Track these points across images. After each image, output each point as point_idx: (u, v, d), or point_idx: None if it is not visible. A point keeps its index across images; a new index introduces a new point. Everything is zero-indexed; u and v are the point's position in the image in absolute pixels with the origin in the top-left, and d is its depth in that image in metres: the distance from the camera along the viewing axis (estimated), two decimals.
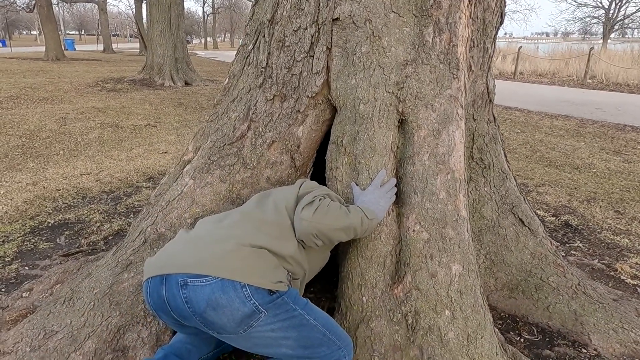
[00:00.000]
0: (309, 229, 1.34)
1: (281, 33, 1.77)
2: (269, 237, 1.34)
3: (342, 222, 1.38)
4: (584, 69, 14.28)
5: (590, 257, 2.73)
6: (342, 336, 1.38)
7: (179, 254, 1.30)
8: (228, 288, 1.20)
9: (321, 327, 1.33)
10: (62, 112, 7.07)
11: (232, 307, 1.20)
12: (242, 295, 1.20)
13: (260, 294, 1.23)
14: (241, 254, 1.26)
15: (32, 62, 17.15)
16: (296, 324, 1.29)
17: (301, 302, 1.34)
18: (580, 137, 6.36)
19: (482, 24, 1.91)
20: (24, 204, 3.36)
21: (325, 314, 1.40)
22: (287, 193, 1.50)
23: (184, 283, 1.22)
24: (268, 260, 1.30)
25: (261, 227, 1.36)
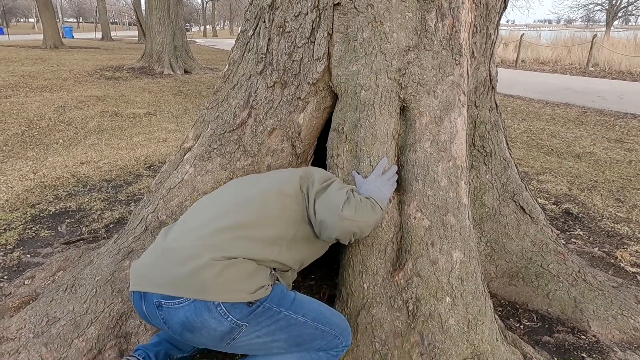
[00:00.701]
0: (352, 227, 1.32)
1: (281, 18, 1.75)
2: (250, 243, 1.24)
3: (376, 217, 1.40)
4: (586, 57, 14.16)
5: (591, 245, 2.74)
6: (336, 324, 1.36)
7: (154, 269, 1.22)
8: (201, 310, 1.14)
9: (311, 322, 1.29)
10: (61, 101, 7.04)
11: (209, 329, 1.15)
12: (217, 314, 1.14)
13: (238, 309, 1.17)
14: (214, 271, 1.16)
15: (30, 50, 17.01)
16: (283, 326, 1.25)
17: (287, 302, 1.28)
18: (582, 126, 6.33)
19: (485, 9, 1.88)
20: (24, 192, 3.36)
21: (316, 304, 1.37)
22: (283, 183, 1.40)
23: (159, 304, 1.17)
24: (245, 270, 1.20)
25: (242, 234, 1.25)
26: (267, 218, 1.30)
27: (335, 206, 1.32)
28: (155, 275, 1.20)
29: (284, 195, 1.35)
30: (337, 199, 1.34)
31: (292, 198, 1.36)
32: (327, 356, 1.36)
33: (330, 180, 1.44)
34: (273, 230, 1.29)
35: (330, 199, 1.35)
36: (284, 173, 1.48)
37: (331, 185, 1.41)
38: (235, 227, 1.25)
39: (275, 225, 1.30)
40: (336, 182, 1.45)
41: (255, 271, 1.23)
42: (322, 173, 1.49)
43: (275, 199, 1.34)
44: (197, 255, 1.18)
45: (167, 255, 1.22)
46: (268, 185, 1.39)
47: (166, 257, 1.22)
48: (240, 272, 1.19)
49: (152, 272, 1.21)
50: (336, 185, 1.41)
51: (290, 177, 1.42)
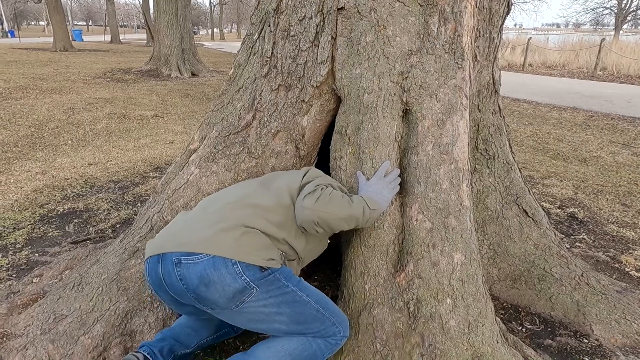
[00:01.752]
0: (311, 216, 1.37)
1: (286, 22, 1.77)
2: (265, 221, 1.37)
3: (344, 211, 1.40)
4: (594, 61, 14.07)
5: (595, 249, 2.73)
6: (336, 313, 1.42)
7: (176, 234, 1.34)
8: (219, 265, 1.24)
9: (314, 304, 1.37)
10: (70, 103, 7.13)
11: (224, 283, 1.24)
12: (233, 271, 1.24)
13: (252, 271, 1.27)
14: (234, 234, 1.29)
15: (40, 52, 17.24)
16: (289, 300, 1.32)
17: (294, 280, 1.37)
18: (589, 130, 6.30)
19: (488, 13, 1.90)
20: (33, 193, 3.41)
21: (318, 291, 1.43)
22: (291, 179, 1.53)
23: (178, 261, 1.26)
24: (261, 240, 1.33)
25: (259, 212, 1.38)
26: (281, 207, 1.42)
27: (300, 195, 1.43)
28: (177, 238, 1.32)
29: (292, 193, 1.48)
30: (305, 190, 1.44)
31: (295, 194, 1.48)
32: (325, 344, 1.40)
33: (317, 178, 1.52)
34: (283, 217, 1.40)
35: (303, 190, 1.46)
36: (293, 173, 1.60)
37: (313, 181, 1.49)
38: (254, 205, 1.40)
39: (285, 215, 1.41)
40: (319, 179, 1.52)
41: (270, 247, 1.35)
42: (317, 173, 1.57)
43: (286, 196, 1.46)
44: (219, 221, 1.33)
45: (191, 223, 1.37)
46: (281, 181, 1.53)
47: (190, 224, 1.36)
48: (257, 241, 1.32)
49: (173, 238, 1.33)
50: (316, 180, 1.50)
51: (297, 176, 1.55)
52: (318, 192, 1.40)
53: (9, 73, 10.31)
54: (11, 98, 7.38)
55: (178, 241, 1.30)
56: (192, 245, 1.27)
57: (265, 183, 1.54)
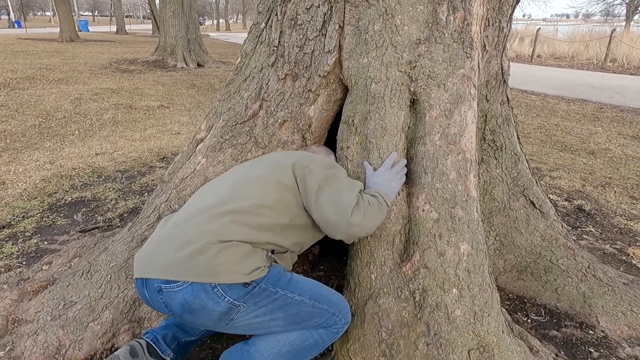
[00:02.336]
0: (360, 232, 1.36)
1: (293, 11, 1.76)
2: (244, 228, 1.27)
3: (382, 218, 1.43)
4: (604, 52, 13.87)
5: (602, 242, 2.71)
6: (334, 302, 1.40)
7: (153, 256, 1.26)
8: (198, 292, 1.18)
9: (308, 300, 1.33)
10: (77, 93, 7.16)
11: (206, 309, 1.19)
12: (214, 295, 1.18)
13: (234, 289, 1.20)
14: (209, 254, 1.20)
15: (46, 43, 17.28)
16: (280, 305, 1.28)
17: (283, 281, 1.31)
18: (598, 122, 6.23)
19: (498, 2, 1.87)
20: (42, 182, 3.44)
21: (313, 284, 1.40)
22: (278, 170, 1.41)
23: (159, 289, 1.22)
24: (240, 252, 1.24)
25: (236, 219, 1.28)
26: (262, 207, 1.32)
27: (343, 209, 1.34)
28: (154, 261, 1.24)
29: (280, 185, 1.38)
30: (346, 200, 1.35)
31: (288, 188, 1.38)
32: (326, 333, 1.40)
33: (332, 172, 1.43)
34: (267, 218, 1.32)
35: (339, 199, 1.35)
36: (279, 159, 1.48)
37: (337, 179, 1.41)
38: (231, 212, 1.29)
39: (268, 215, 1.32)
40: (342, 175, 1.44)
41: (251, 253, 1.26)
42: (320, 161, 1.47)
43: (271, 190, 1.36)
44: (193, 240, 1.22)
45: (166, 242, 1.27)
46: (265, 175, 1.41)
47: (165, 243, 1.26)
48: (235, 254, 1.22)
49: (151, 259, 1.25)
50: (344, 181, 1.41)
51: (285, 166, 1.43)
52: (362, 204, 1.36)
53: (16, 63, 10.36)
54: (19, 88, 7.42)
55: (156, 266, 1.23)
56: (169, 272, 1.20)
57: (244, 176, 1.42)
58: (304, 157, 1.48)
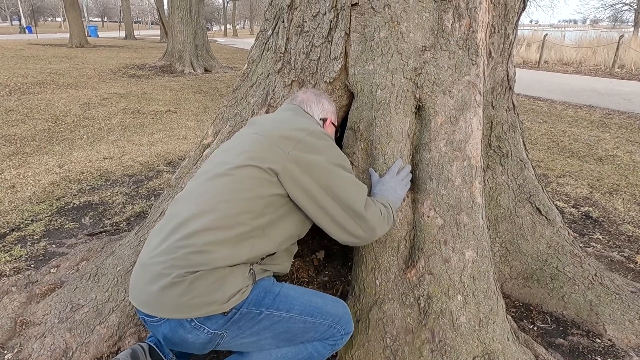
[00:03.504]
0: (372, 239, 1.35)
1: (300, 18, 1.78)
2: (216, 249, 1.14)
3: (388, 229, 1.41)
4: (612, 58, 13.79)
5: (610, 249, 2.69)
6: (330, 313, 1.32)
7: (135, 285, 1.20)
8: (175, 327, 1.15)
9: (298, 316, 1.26)
10: (86, 98, 7.24)
11: (187, 342, 1.17)
12: (191, 329, 1.14)
13: (213, 320, 1.15)
14: (180, 289, 1.11)
15: (56, 48, 17.52)
16: (266, 325, 1.22)
17: (268, 299, 1.23)
18: (605, 128, 6.19)
19: (503, 9, 1.88)
20: (50, 186, 3.48)
21: (305, 297, 1.31)
22: (255, 172, 1.22)
23: (144, 320, 1.21)
24: (214, 280, 1.13)
25: (206, 240, 1.14)
26: (234, 216, 1.18)
27: (370, 213, 1.30)
28: (135, 292, 1.19)
29: (254, 181, 1.21)
30: (373, 214, 1.31)
31: (264, 182, 1.21)
32: (322, 345, 1.33)
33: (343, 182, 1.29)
34: (242, 226, 1.18)
35: (368, 211, 1.29)
36: (259, 152, 1.25)
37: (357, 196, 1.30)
38: (198, 233, 1.15)
39: (244, 220, 1.18)
40: (361, 194, 1.33)
41: (228, 276, 1.15)
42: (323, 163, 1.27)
43: (244, 191, 1.20)
44: (164, 273, 1.13)
45: (142, 273, 1.19)
46: (238, 172, 1.23)
47: (141, 274, 1.19)
48: (209, 284, 1.12)
49: (134, 289, 1.20)
50: (362, 196, 1.32)
51: (264, 168, 1.22)
52: (386, 215, 1.36)
53: (26, 68, 10.51)
54: (29, 93, 7.53)
55: (137, 299, 1.17)
56: (147, 306, 1.14)
57: (210, 184, 1.24)
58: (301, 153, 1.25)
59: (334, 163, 1.28)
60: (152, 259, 1.17)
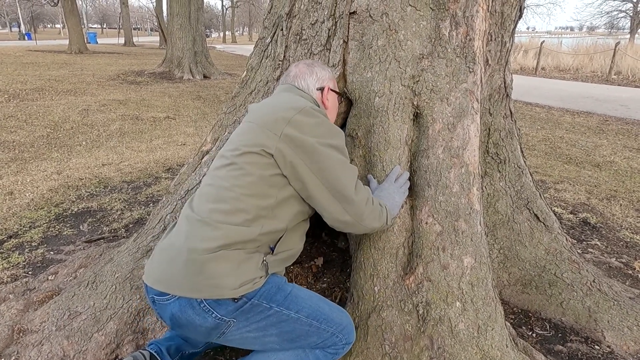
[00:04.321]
0: (361, 227, 1.36)
1: (299, 26, 1.80)
2: (228, 227, 1.18)
3: (380, 224, 1.41)
4: (609, 65, 13.89)
5: (608, 255, 2.70)
6: (335, 321, 1.33)
7: (152, 265, 1.25)
8: (185, 307, 1.16)
9: (305, 319, 1.27)
10: (85, 104, 7.25)
11: (194, 325, 1.17)
12: (200, 311, 1.15)
13: (223, 305, 1.16)
14: (195, 269, 1.15)
15: (56, 54, 17.56)
16: (274, 321, 1.23)
17: (280, 297, 1.25)
18: (603, 134, 6.22)
19: (500, 17, 1.90)
20: (49, 192, 3.48)
21: (314, 301, 1.33)
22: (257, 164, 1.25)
23: (153, 300, 1.22)
24: (229, 263, 1.16)
25: (219, 219, 1.19)
26: (239, 200, 1.21)
27: (360, 213, 1.32)
28: (150, 272, 1.23)
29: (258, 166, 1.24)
30: (365, 211, 1.33)
31: (265, 163, 1.24)
32: (324, 354, 1.34)
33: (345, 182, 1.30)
34: (250, 209, 1.21)
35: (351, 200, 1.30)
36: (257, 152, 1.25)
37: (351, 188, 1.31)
38: (212, 213, 1.21)
39: (250, 204, 1.21)
40: (364, 191, 1.36)
41: (243, 262, 1.18)
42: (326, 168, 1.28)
43: (249, 177, 1.23)
44: (179, 254, 1.18)
45: (160, 255, 1.24)
46: (242, 166, 1.26)
47: (159, 256, 1.24)
48: (223, 266, 1.16)
49: (149, 269, 1.25)
50: (363, 191, 1.35)
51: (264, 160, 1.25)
52: (378, 210, 1.37)
53: (25, 75, 10.53)
54: (28, 99, 7.54)
55: (152, 276, 1.21)
56: (161, 283, 1.18)
57: (216, 174, 1.30)
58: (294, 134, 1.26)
59: (324, 144, 1.27)
60: (172, 240, 1.23)
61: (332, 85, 1.54)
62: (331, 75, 1.55)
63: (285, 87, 1.49)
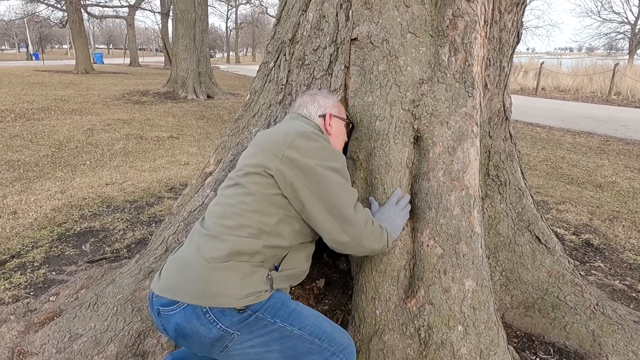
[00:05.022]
0: (360, 249, 1.36)
1: (301, 52, 1.84)
2: (234, 238, 1.24)
3: (380, 246, 1.41)
4: (608, 85, 14.02)
5: (612, 278, 2.68)
6: (336, 341, 1.33)
7: (162, 275, 1.29)
8: (190, 317, 1.18)
9: (308, 336, 1.28)
10: (90, 124, 7.34)
11: (198, 335, 1.19)
12: (205, 321, 1.18)
13: (228, 316, 1.19)
14: (203, 277, 1.20)
15: (62, 74, 17.85)
16: (277, 337, 1.24)
17: (284, 312, 1.27)
18: (604, 155, 6.24)
19: (498, 43, 1.94)
20: (52, 212, 3.50)
21: (317, 319, 1.35)
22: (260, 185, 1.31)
23: (158, 312, 1.24)
24: (234, 274, 1.21)
25: (225, 232, 1.26)
26: (243, 216, 1.27)
27: (365, 233, 1.34)
28: (161, 280, 1.28)
29: (260, 186, 1.30)
30: (371, 235, 1.36)
31: (267, 183, 1.30)
32: None
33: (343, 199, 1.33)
34: (254, 225, 1.27)
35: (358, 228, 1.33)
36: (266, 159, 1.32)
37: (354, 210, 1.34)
38: (218, 226, 1.28)
39: (253, 220, 1.28)
40: (363, 213, 1.37)
41: (248, 275, 1.23)
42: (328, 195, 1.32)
43: (253, 199, 1.29)
44: (189, 262, 1.24)
45: (171, 265, 1.30)
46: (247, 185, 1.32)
47: (170, 265, 1.30)
48: (229, 276, 1.20)
49: (159, 278, 1.29)
50: (363, 213, 1.37)
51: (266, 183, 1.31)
52: (377, 232, 1.38)
53: (32, 94, 10.69)
54: (34, 119, 7.64)
55: (162, 285, 1.25)
56: (170, 291, 1.22)
57: (223, 193, 1.38)
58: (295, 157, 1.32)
59: (324, 166, 1.31)
60: (180, 254, 1.30)
61: (335, 112, 1.59)
62: (334, 103, 1.60)
63: (291, 116, 1.57)
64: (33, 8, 26.31)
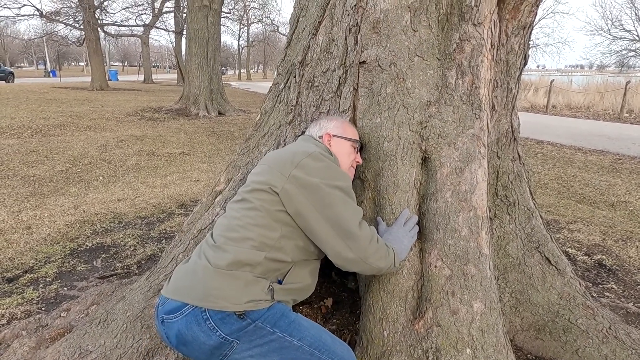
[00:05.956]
0: (366, 267, 1.38)
1: (311, 74, 1.88)
2: (236, 249, 1.29)
3: (386, 265, 1.42)
4: (620, 103, 13.93)
5: (625, 300, 2.63)
6: (336, 353, 1.33)
7: (170, 281, 1.36)
8: (191, 323, 1.22)
9: (307, 347, 1.28)
10: (104, 140, 7.49)
11: (198, 342, 1.22)
12: (205, 328, 1.21)
13: (227, 323, 1.22)
14: (206, 279, 1.26)
15: (78, 91, 18.29)
16: (276, 347, 1.25)
17: (284, 323, 1.29)
18: (617, 173, 6.17)
19: (505, 65, 1.96)
20: (65, 227, 3.56)
21: (317, 330, 1.36)
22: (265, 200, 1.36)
23: (162, 320, 1.28)
24: (236, 281, 1.26)
25: (229, 243, 1.31)
26: (247, 229, 1.32)
27: (370, 251, 1.36)
28: (169, 286, 1.34)
29: (264, 203, 1.35)
30: (369, 248, 1.37)
31: (272, 200, 1.35)
32: None
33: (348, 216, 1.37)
34: (257, 238, 1.31)
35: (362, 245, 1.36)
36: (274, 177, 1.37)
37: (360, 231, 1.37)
38: (222, 238, 1.34)
39: (257, 234, 1.32)
40: (367, 231, 1.40)
41: (251, 283, 1.27)
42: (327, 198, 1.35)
43: (255, 208, 1.35)
44: (196, 270, 1.30)
45: (180, 271, 1.36)
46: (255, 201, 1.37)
47: (179, 272, 1.36)
48: (233, 282, 1.25)
49: (168, 284, 1.36)
50: (367, 233, 1.39)
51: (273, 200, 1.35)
52: (384, 250, 1.40)
53: (48, 111, 10.95)
54: (49, 135, 7.82)
55: (170, 289, 1.32)
56: (176, 293, 1.28)
57: (230, 207, 1.45)
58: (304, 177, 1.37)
59: (329, 184, 1.36)
60: (189, 263, 1.37)
61: (336, 132, 1.63)
62: (338, 124, 1.65)
63: (302, 137, 1.65)
64: (52, 27, 27.15)
